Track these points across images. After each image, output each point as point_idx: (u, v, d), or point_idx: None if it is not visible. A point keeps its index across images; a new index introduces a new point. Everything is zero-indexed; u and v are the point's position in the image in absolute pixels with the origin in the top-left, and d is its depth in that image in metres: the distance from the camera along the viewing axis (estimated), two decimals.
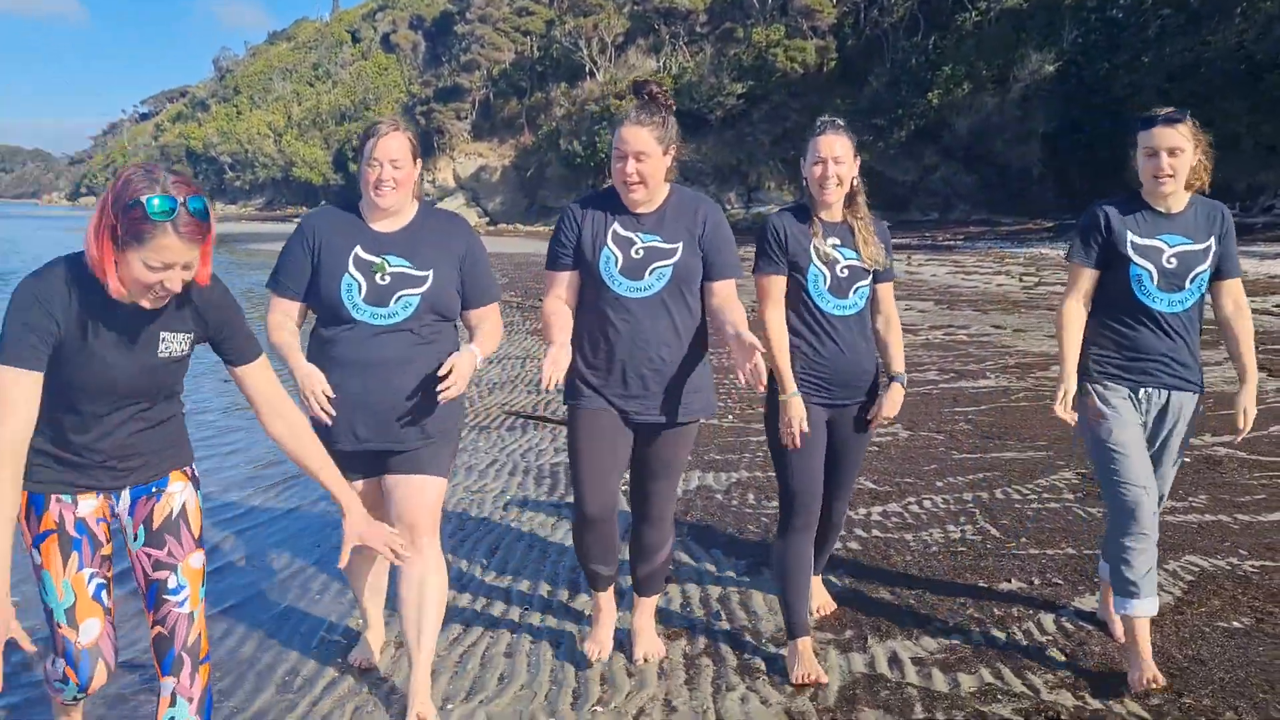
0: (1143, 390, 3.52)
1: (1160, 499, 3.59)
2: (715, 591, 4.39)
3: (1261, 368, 6.70)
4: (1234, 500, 5.39)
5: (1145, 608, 3.42)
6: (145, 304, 2.48)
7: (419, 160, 3.37)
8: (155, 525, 2.71)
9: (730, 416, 7.77)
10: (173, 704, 2.63)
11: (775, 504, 4.32)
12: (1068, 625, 3.94)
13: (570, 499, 5.40)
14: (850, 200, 3.64)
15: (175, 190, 2.38)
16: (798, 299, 3.60)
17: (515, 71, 66.15)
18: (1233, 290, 3.54)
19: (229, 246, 40.87)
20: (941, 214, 42.28)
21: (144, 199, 2.34)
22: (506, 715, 3.34)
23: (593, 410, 3.47)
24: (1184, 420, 3.57)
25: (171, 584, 2.69)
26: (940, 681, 3.46)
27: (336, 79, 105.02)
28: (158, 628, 2.68)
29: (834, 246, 3.60)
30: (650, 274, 3.37)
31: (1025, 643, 3.78)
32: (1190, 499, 5.47)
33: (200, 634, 2.70)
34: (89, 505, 2.66)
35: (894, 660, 3.65)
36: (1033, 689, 3.41)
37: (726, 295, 3.44)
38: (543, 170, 57.00)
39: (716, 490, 5.80)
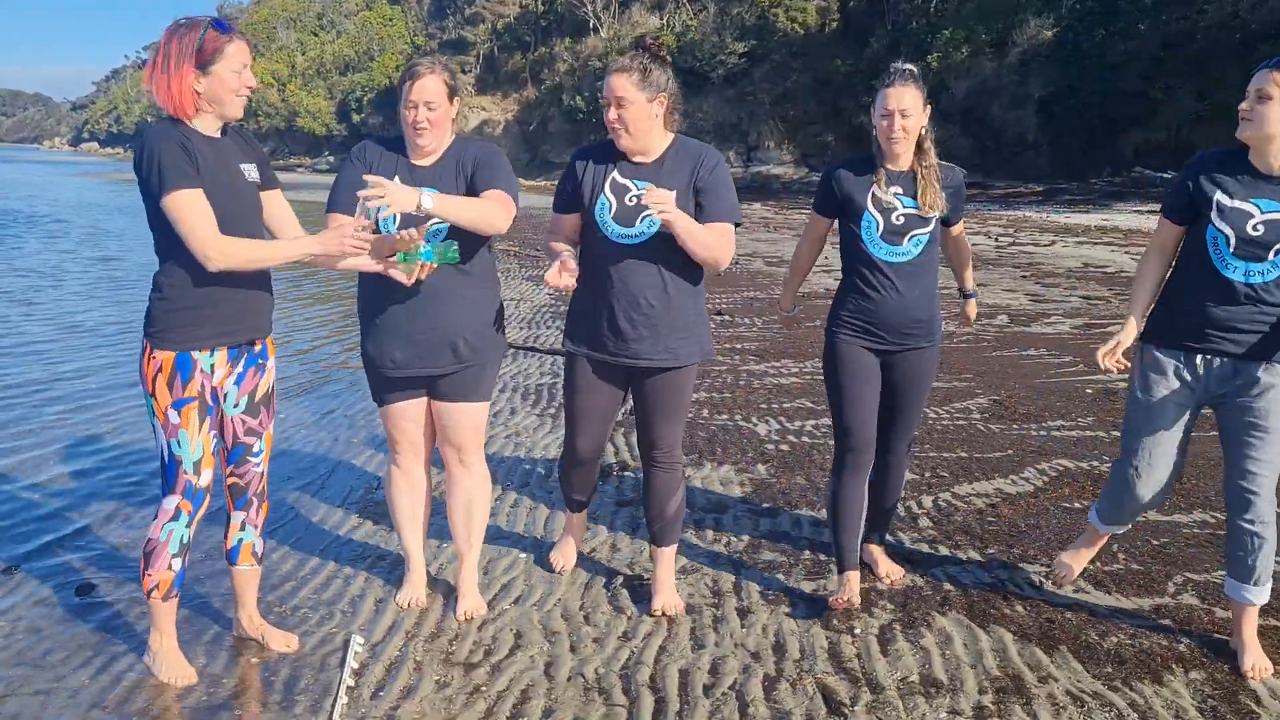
0: (1200, 358, 3.33)
1: (1251, 498, 3.25)
2: (734, 541, 4.66)
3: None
4: (1115, 421, 6.31)
5: (1258, 594, 3.33)
6: (238, 111, 3.04)
7: (456, 98, 3.48)
8: (257, 398, 3.28)
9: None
10: (242, 529, 3.39)
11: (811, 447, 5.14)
12: (941, 503, 4.88)
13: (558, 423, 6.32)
14: (919, 148, 3.63)
15: (213, 23, 3.00)
16: (853, 245, 3.66)
17: (519, 26, 66.30)
18: None
19: None
20: None
21: (204, 29, 2.97)
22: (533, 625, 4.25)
23: (585, 354, 3.62)
24: (1267, 393, 3.23)
25: (256, 448, 3.33)
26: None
27: (341, 29, 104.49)
28: (234, 479, 3.34)
29: (896, 195, 3.60)
30: (641, 221, 3.43)
31: (903, 514, 4.72)
32: (1078, 419, 6.42)
33: (265, 481, 3.43)
34: (220, 373, 3.15)
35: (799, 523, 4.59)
36: (901, 545, 4.37)
37: (716, 236, 3.44)
38: (545, 125, 57.42)
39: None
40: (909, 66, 3.61)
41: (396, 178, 3.34)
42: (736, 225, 3.55)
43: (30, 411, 6.63)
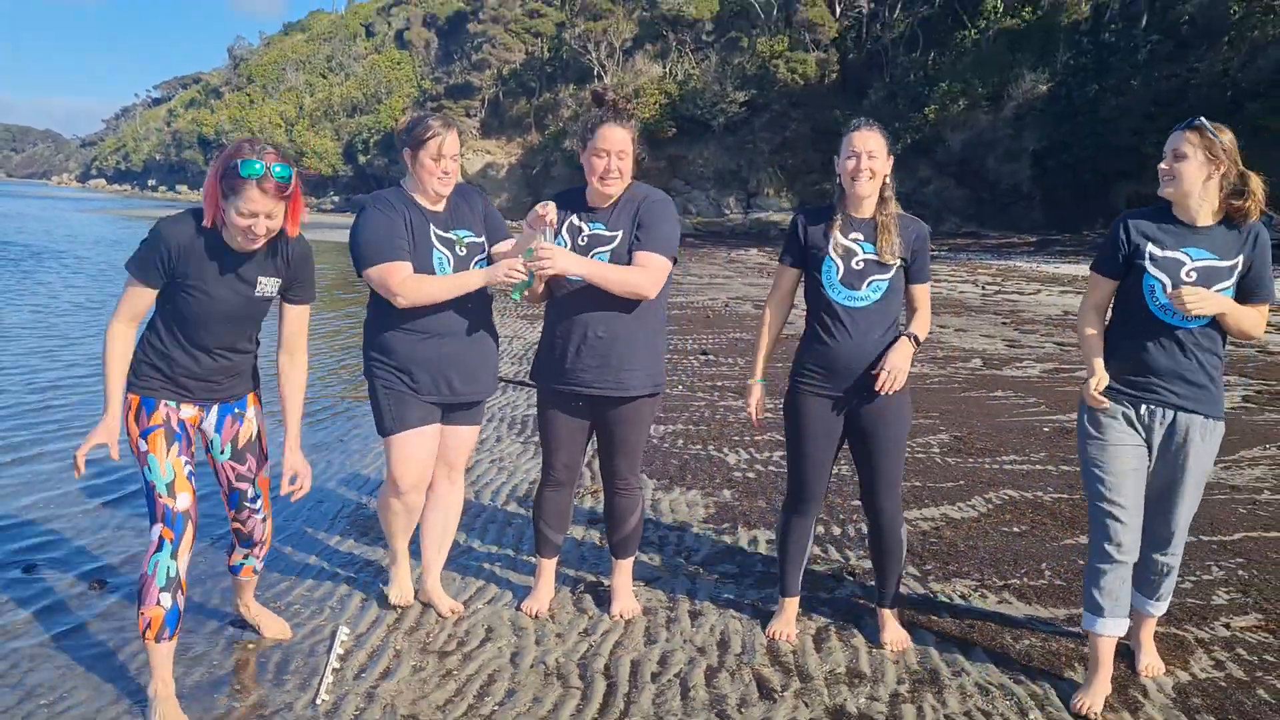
0: (1144, 407, 3.44)
1: (1170, 536, 3.49)
2: (693, 555, 5.13)
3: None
4: (1065, 458, 6.70)
5: (1107, 627, 3.45)
6: (237, 246, 3.14)
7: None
8: (240, 444, 3.46)
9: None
10: (245, 558, 3.65)
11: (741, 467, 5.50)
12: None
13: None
14: (881, 197, 3.71)
15: (266, 158, 3.02)
16: (814, 290, 3.75)
17: (525, 72, 67.32)
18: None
19: None
20: (933, 226, 43.01)
21: (239, 161, 3.01)
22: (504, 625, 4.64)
23: (551, 388, 3.87)
24: (1193, 446, 3.39)
25: (250, 494, 3.52)
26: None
27: (349, 71, 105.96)
28: (237, 524, 3.57)
29: (855, 241, 3.69)
30: (592, 257, 3.70)
31: (852, 534, 5.11)
32: (1031, 454, 6.81)
33: (269, 529, 3.65)
34: (188, 412, 3.36)
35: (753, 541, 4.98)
36: (843, 556, 4.75)
37: (639, 263, 3.67)
38: (548, 169, 58.16)
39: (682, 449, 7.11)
40: (872, 120, 3.78)
41: (432, 225, 3.73)
42: (674, 260, 3.75)
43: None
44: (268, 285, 3.33)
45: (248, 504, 3.56)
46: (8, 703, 3.30)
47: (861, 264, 3.68)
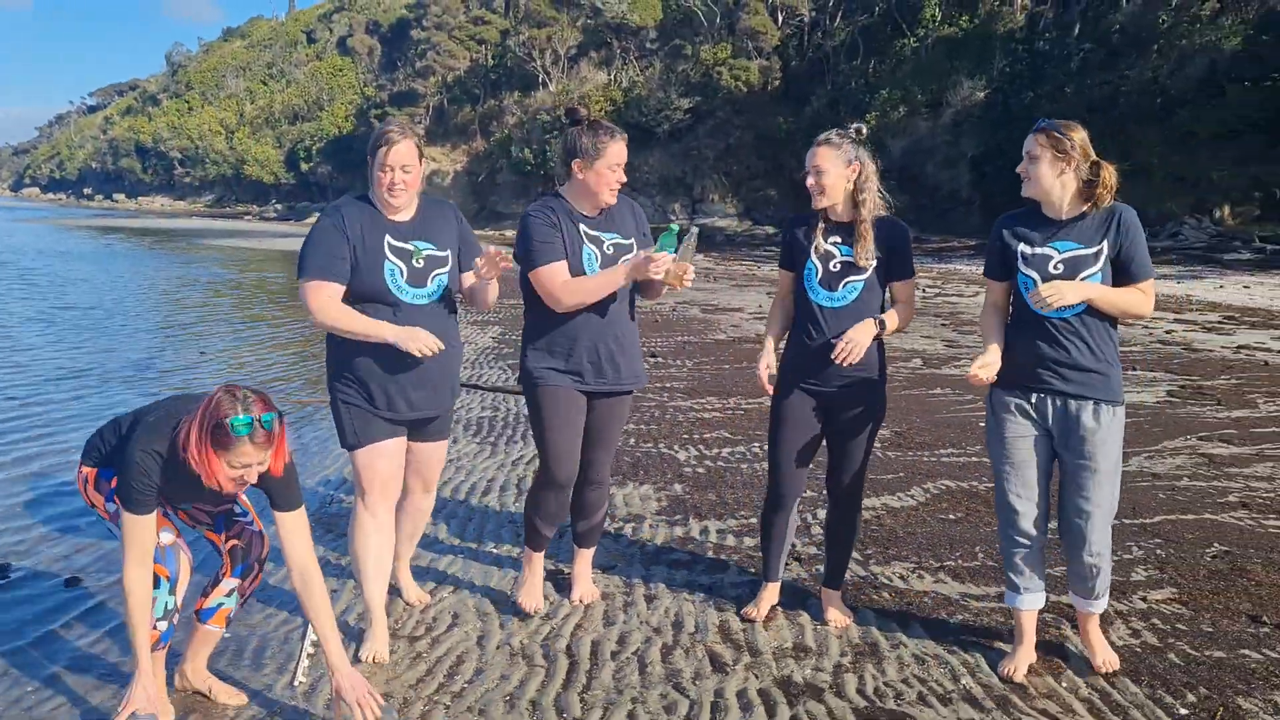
0: (1035, 397, 3.62)
1: (1083, 529, 3.59)
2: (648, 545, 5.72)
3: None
4: None
5: (1025, 602, 3.70)
6: (227, 491, 3.04)
7: (423, 157, 3.74)
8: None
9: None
10: (228, 595, 3.38)
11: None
12: None
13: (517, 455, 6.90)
14: (854, 201, 3.85)
15: (253, 410, 2.90)
16: (799, 291, 3.94)
17: (469, 79, 67.35)
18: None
19: (187, 241, 41.70)
20: None
21: (228, 420, 2.87)
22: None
23: (559, 387, 3.94)
24: (1088, 432, 3.53)
25: (238, 510, 3.40)
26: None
27: (290, 78, 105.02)
28: (233, 542, 3.38)
29: (834, 244, 3.88)
30: (620, 263, 3.90)
31: (799, 523, 5.37)
32: (967, 447, 7.14)
33: (267, 547, 3.44)
34: None
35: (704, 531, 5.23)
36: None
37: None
38: (494, 176, 58.25)
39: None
40: (838, 130, 3.89)
41: (388, 236, 3.63)
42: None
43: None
44: (240, 492, 3.23)
45: (237, 518, 3.43)
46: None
47: (839, 266, 3.86)
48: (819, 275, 3.88)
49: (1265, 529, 5.40)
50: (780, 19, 50.11)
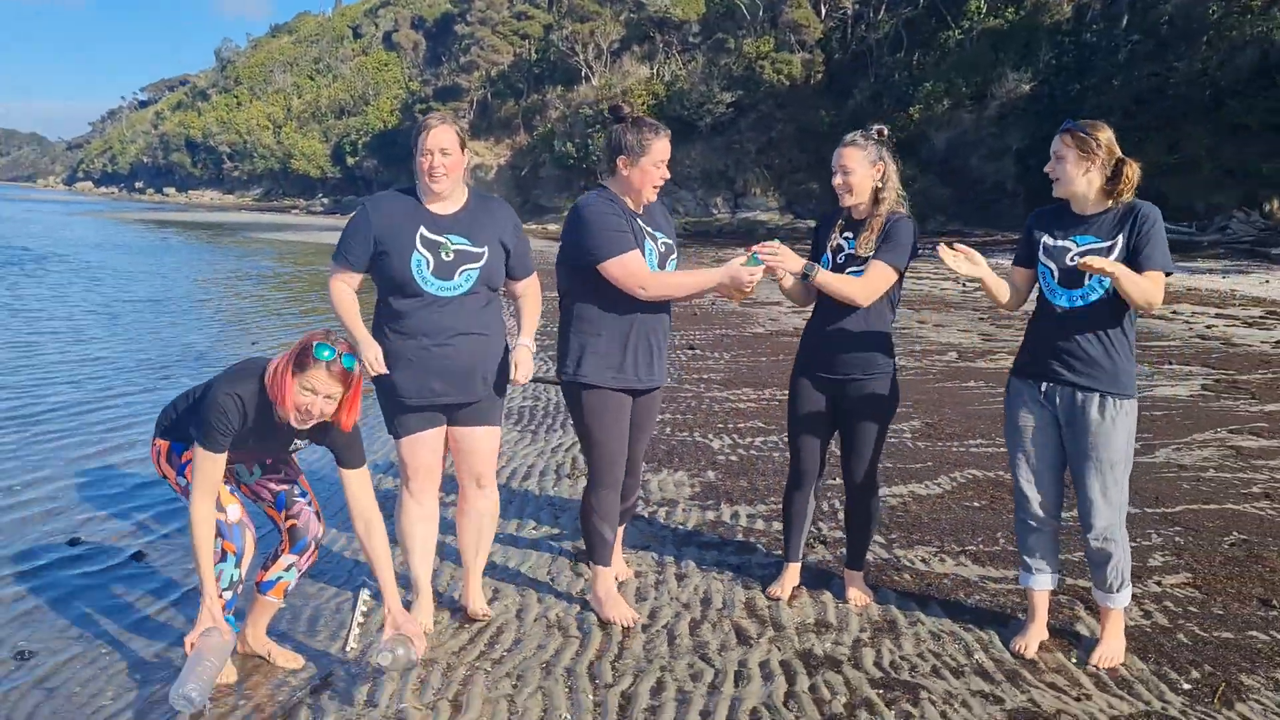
0: (1044, 385, 3.78)
1: (1089, 514, 3.72)
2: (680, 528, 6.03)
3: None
4: None
5: (1036, 582, 3.90)
6: (292, 422, 3.28)
7: (466, 149, 3.76)
8: (268, 462, 3.66)
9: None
10: (286, 570, 3.61)
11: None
12: None
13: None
14: (875, 198, 4.08)
15: (339, 347, 3.26)
16: (812, 285, 4.08)
17: (513, 73, 67.73)
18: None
19: (240, 235, 42.47)
20: (919, 224, 43.61)
21: (315, 344, 3.23)
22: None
23: (609, 390, 4.00)
24: (1093, 423, 3.66)
25: (297, 491, 3.65)
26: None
27: (337, 73, 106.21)
28: (291, 521, 3.62)
29: (846, 239, 4.10)
30: (669, 263, 4.09)
31: (825, 509, 5.56)
32: (996, 438, 7.28)
33: (323, 527, 3.71)
34: None
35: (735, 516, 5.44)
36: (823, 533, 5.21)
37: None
38: (537, 170, 58.57)
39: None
40: (863, 131, 4.10)
41: (422, 228, 3.70)
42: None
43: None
44: (301, 444, 3.56)
45: (297, 499, 3.66)
46: (63, 659, 3.73)
47: (843, 258, 4.08)
48: (829, 267, 4.09)
49: None
50: (823, 12, 50.00)
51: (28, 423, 7.54)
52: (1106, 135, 3.68)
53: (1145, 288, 3.55)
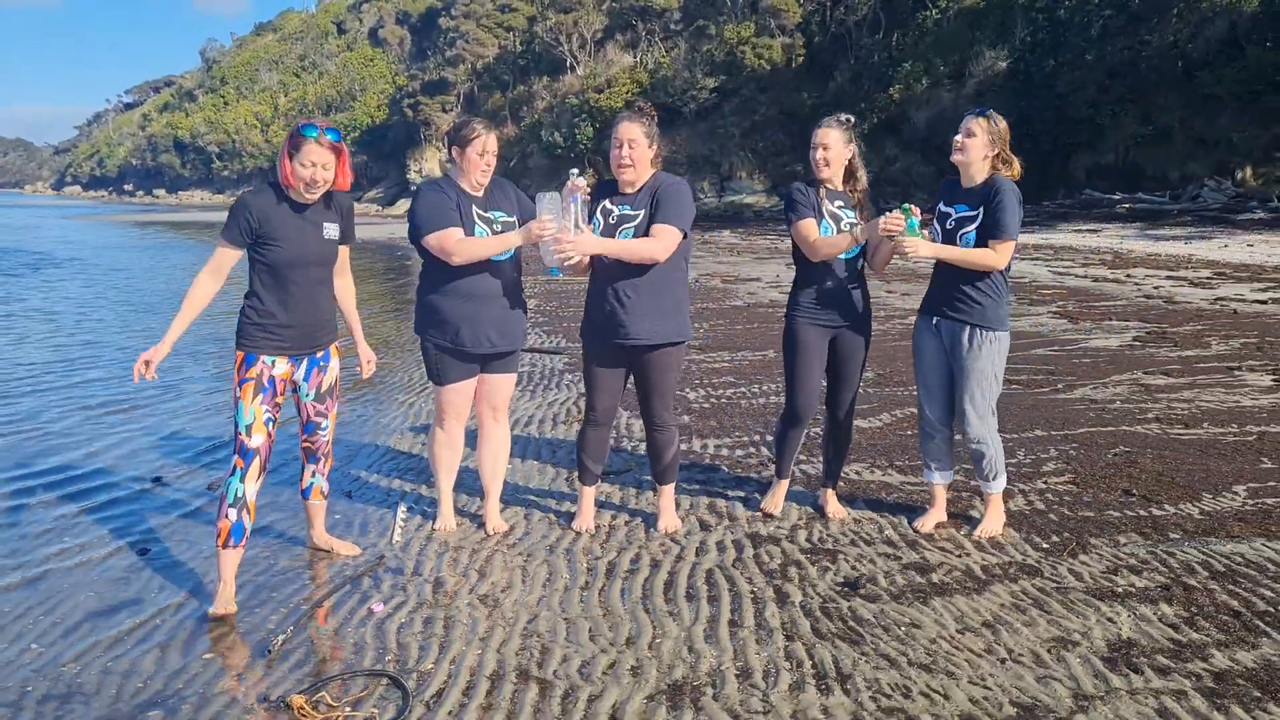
0: (934, 320, 4.69)
1: (964, 421, 4.63)
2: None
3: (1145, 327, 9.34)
4: None
5: (934, 477, 4.91)
6: (306, 197, 3.98)
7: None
8: (323, 389, 4.32)
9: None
10: (313, 476, 4.50)
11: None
12: (816, 434, 6.74)
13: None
14: (850, 176, 4.73)
15: (320, 124, 3.99)
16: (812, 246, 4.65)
17: (499, 65, 68.57)
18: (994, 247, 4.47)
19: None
20: (901, 202, 44.37)
21: (301, 126, 3.96)
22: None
23: (593, 337, 4.68)
24: (969, 351, 4.54)
25: (323, 425, 4.40)
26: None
27: (322, 70, 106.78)
28: (307, 444, 4.43)
29: (839, 208, 4.72)
30: (619, 234, 4.52)
31: None
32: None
33: (330, 448, 4.53)
34: (281, 368, 4.12)
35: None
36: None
37: (653, 234, 4.45)
38: (525, 160, 59.38)
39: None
40: (838, 117, 4.73)
41: (474, 206, 4.49)
42: (685, 233, 4.48)
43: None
44: (331, 230, 4.19)
45: (320, 431, 4.43)
46: (140, 585, 4.75)
47: (849, 226, 4.70)
48: (834, 233, 4.69)
49: (1167, 435, 6.56)
50: None
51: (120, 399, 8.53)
52: (1005, 127, 4.53)
53: (979, 258, 4.45)
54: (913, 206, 4.43)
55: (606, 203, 4.59)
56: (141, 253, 30.22)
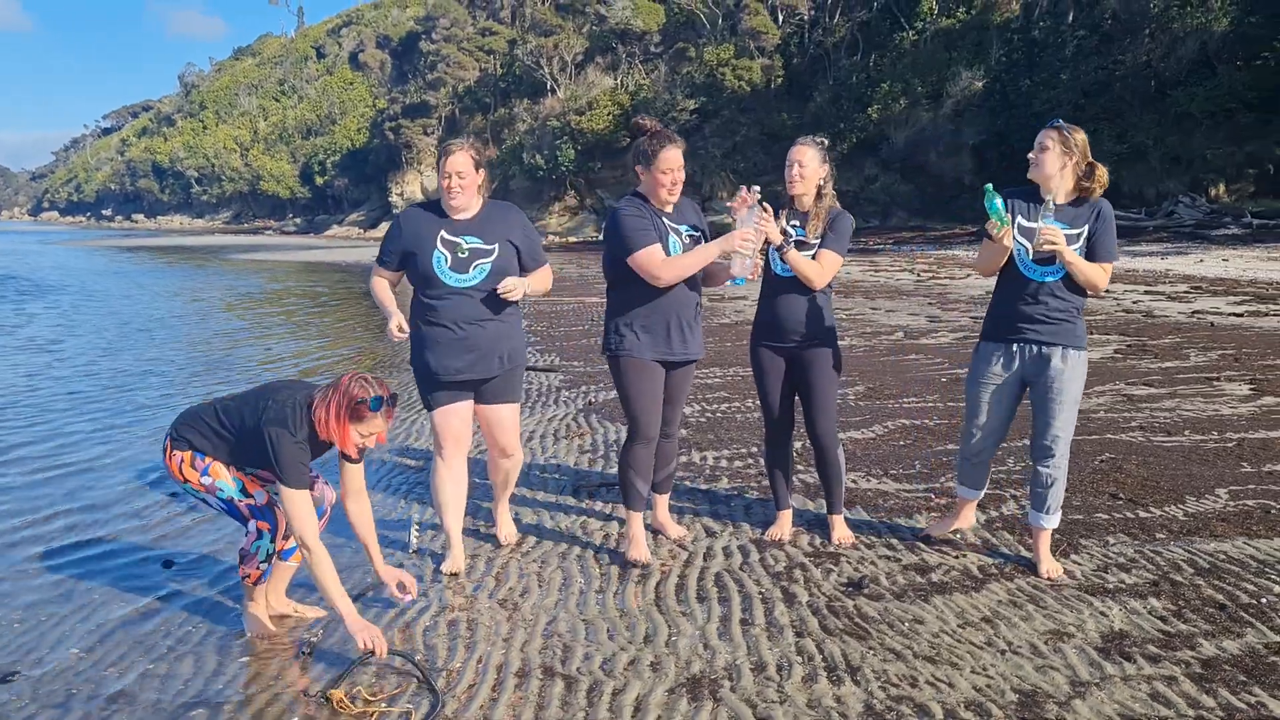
0: (1014, 346, 4.39)
1: (1047, 449, 4.42)
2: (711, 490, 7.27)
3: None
4: (953, 397, 8.43)
5: (965, 494, 4.80)
6: (351, 454, 3.82)
7: (482, 169, 4.48)
8: None
9: None
10: (284, 541, 4.05)
11: None
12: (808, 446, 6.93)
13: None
14: (818, 194, 4.74)
15: (381, 391, 3.68)
16: (766, 265, 4.72)
17: (480, 88, 68.95)
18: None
19: (220, 257, 43.39)
20: (881, 221, 44.01)
21: (369, 398, 3.65)
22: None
23: (652, 359, 4.61)
24: (1056, 372, 4.32)
25: (313, 471, 3.91)
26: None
27: (302, 94, 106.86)
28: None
29: (793, 226, 4.72)
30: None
31: None
32: (926, 397, 8.54)
33: (334, 494, 4.18)
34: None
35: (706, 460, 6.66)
36: None
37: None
38: (507, 182, 59.66)
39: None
40: (814, 138, 4.79)
41: (443, 231, 4.43)
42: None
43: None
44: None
45: (313, 475, 3.97)
46: (168, 595, 4.90)
47: (793, 242, 4.68)
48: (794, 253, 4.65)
49: (1151, 443, 6.79)
50: (780, 18, 51.45)
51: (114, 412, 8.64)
52: (1083, 138, 4.26)
53: (1095, 274, 4.24)
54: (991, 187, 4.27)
55: (668, 221, 4.60)
56: (134, 278, 30.22)
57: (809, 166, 4.71)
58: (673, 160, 4.51)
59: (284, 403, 3.75)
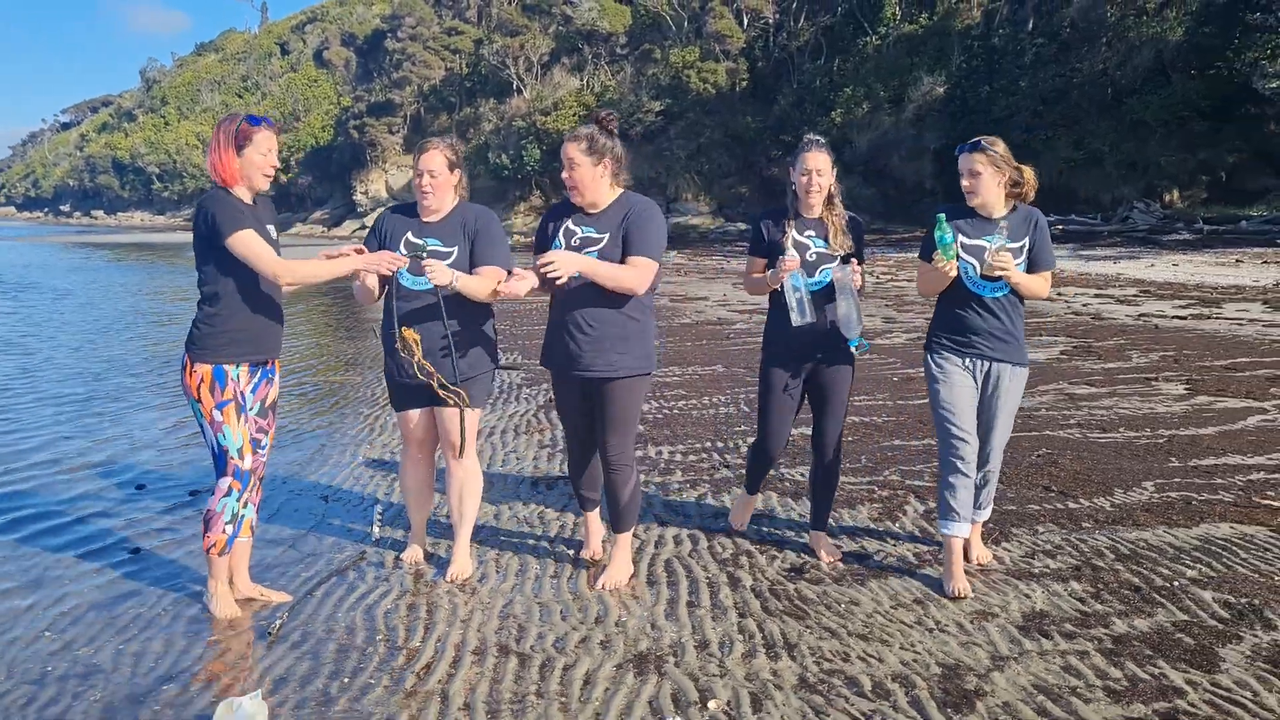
0: (967, 360, 4.32)
1: (989, 456, 4.43)
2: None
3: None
4: (902, 396, 8.71)
5: (960, 530, 4.40)
6: (265, 185, 3.91)
7: (456, 169, 4.38)
8: (266, 404, 4.21)
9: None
10: (244, 507, 4.11)
11: None
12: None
13: None
14: (829, 201, 4.47)
15: (255, 112, 4.01)
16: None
17: (445, 88, 68.72)
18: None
19: (175, 253, 43.12)
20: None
21: (245, 118, 3.89)
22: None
23: (554, 372, 4.48)
24: (1003, 388, 4.31)
25: (264, 443, 4.23)
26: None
27: (266, 91, 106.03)
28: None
29: (808, 237, 4.46)
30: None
31: (743, 445, 7.02)
32: (875, 394, 8.82)
33: (263, 469, 4.27)
34: (244, 378, 4.06)
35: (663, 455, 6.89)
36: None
37: (627, 269, 4.15)
38: (472, 182, 59.11)
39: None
40: (820, 138, 4.53)
41: (409, 233, 4.34)
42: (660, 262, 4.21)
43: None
44: (273, 231, 4.11)
45: (259, 450, 4.21)
46: (137, 580, 5.06)
47: (815, 256, 4.48)
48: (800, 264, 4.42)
49: (1087, 439, 7.10)
50: (745, 22, 51.80)
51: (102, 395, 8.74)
52: (1005, 147, 4.19)
53: (1037, 285, 4.27)
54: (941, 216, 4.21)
55: (569, 223, 4.29)
56: (107, 275, 30.04)
57: (826, 174, 4.47)
58: (566, 151, 4.27)
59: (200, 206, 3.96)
